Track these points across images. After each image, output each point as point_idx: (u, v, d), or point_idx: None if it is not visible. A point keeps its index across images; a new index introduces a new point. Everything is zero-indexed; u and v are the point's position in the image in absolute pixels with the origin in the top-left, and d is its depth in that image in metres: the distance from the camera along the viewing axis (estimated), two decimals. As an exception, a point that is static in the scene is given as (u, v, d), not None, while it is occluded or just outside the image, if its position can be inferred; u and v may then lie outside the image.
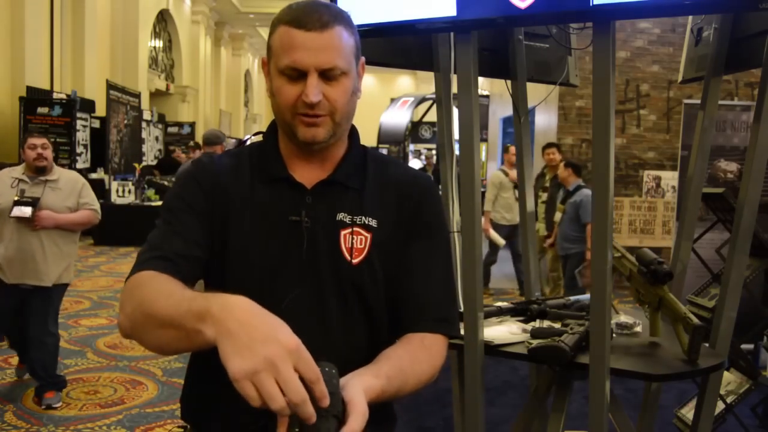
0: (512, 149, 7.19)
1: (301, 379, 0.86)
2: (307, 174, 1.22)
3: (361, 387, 0.97)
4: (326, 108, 1.14)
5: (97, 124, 12.34)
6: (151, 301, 1.01)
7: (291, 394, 0.84)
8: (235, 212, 1.19)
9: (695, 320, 1.95)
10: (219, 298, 0.92)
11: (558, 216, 6.10)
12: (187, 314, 0.93)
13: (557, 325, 2.11)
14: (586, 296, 2.16)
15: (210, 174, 1.22)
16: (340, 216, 1.20)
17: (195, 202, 1.19)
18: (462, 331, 2.07)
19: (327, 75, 1.13)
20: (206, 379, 1.19)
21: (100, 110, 12.49)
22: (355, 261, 1.19)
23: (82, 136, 11.59)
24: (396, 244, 1.23)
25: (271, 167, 1.22)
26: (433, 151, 17.45)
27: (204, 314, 0.91)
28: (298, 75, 1.13)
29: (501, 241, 7.08)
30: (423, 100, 12.70)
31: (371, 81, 28.46)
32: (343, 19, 1.15)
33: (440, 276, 1.26)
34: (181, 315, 0.94)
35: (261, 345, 0.85)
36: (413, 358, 1.14)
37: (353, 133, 1.27)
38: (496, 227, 7.23)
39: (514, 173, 6.92)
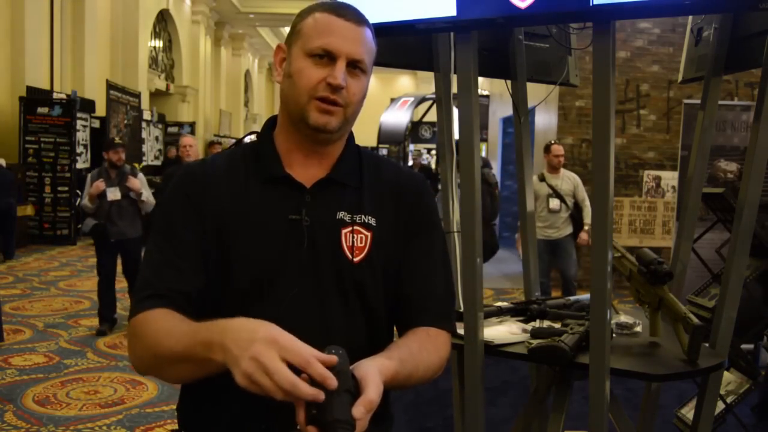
0: (555, 148, 5.98)
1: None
2: (306, 173, 1.22)
3: (374, 365, 1.00)
4: (344, 98, 1.16)
5: (97, 124, 12.33)
6: (156, 345, 1.07)
7: (280, 383, 0.88)
8: (231, 216, 1.19)
9: (695, 320, 1.95)
10: (217, 326, 0.98)
11: None
12: (194, 347, 1.00)
13: (557, 325, 2.11)
14: (586, 296, 2.16)
15: (200, 182, 1.21)
16: (340, 215, 1.20)
17: (187, 222, 1.19)
18: (462, 331, 2.07)
19: (352, 66, 1.16)
20: (203, 387, 1.19)
21: (100, 110, 12.49)
22: (356, 259, 1.19)
23: (82, 136, 11.59)
24: (394, 242, 1.24)
25: (269, 166, 1.22)
26: (425, 153, 17.54)
27: (209, 343, 0.97)
28: (326, 59, 1.15)
29: None
30: (423, 100, 12.70)
31: (371, 81, 28.30)
32: (371, 26, 1.21)
33: (440, 273, 1.27)
34: (189, 350, 1.01)
35: (245, 350, 0.90)
36: (421, 347, 1.17)
37: (348, 134, 1.28)
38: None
39: (555, 178, 5.94)
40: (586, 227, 5.74)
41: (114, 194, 5.55)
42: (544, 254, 5.73)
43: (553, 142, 6.09)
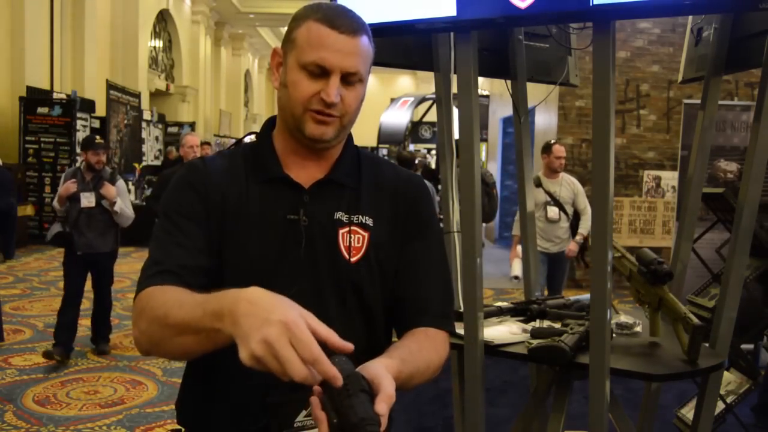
0: (557, 149, 5.24)
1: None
2: (304, 173, 1.22)
3: (380, 364, 0.99)
4: (339, 110, 1.16)
5: (97, 124, 12.33)
6: (164, 315, 1.03)
7: (290, 373, 0.85)
8: (231, 214, 1.19)
9: (695, 320, 1.95)
10: (228, 295, 0.94)
11: None
12: (203, 317, 0.96)
13: (557, 325, 2.11)
14: (586, 296, 2.16)
15: (204, 177, 1.22)
16: (338, 215, 1.21)
17: (192, 208, 1.19)
18: (462, 331, 2.07)
19: (347, 79, 1.15)
20: (204, 382, 1.19)
21: (100, 110, 12.49)
22: (353, 259, 1.20)
23: (82, 136, 11.58)
24: (392, 243, 1.24)
25: (267, 167, 1.23)
26: (425, 152, 17.50)
27: (219, 312, 0.93)
28: (320, 73, 1.14)
29: (517, 271, 5.03)
30: (423, 100, 12.69)
31: (371, 81, 28.17)
32: (367, 29, 1.19)
33: (439, 274, 1.28)
34: (197, 319, 0.97)
35: (256, 329, 0.87)
36: (420, 347, 1.17)
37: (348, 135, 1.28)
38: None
39: (554, 184, 5.19)
40: (577, 237, 5.16)
41: (88, 200, 4.83)
42: (540, 267, 4.89)
43: (553, 141, 5.44)
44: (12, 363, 4.83)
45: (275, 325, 0.86)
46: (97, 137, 5.13)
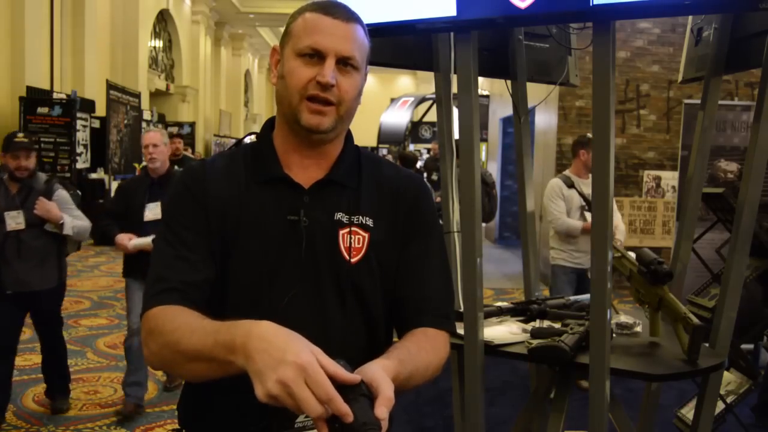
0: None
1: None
2: (304, 173, 1.22)
3: (378, 366, 0.99)
4: (335, 96, 1.16)
5: (97, 124, 12.32)
6: (176, 341, 1.05)
7: (307, 411, 0.87)
8: (231, 216, 1.19)
9: (695, 320, 1.95)
10: (241, 328, 0.95)
11: None
12: (214, 348, 0.98)
13: (557, 325, 2.11)
14: (586, 296, 2.16)
15: (202, 182, 1.22)
16: (338, 215, 1.21)
17: (192, 217, 1.19)
18: (462, 331, 2.07)
19: (343, 64, 1.16)
20: (204, 385, 1.19)
21: (100, 110, 12.48)
22: (353, 260, 1.20)
23: (82, 136, 11.58)
24: (392, 243, 1.24)
25: (268, 167, 1.23)
26: (425, 153, 17.47)
27: (231, 345, 0.95)
28: (316, 58, 1.15)
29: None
30: (423, 100, 12.71)
31: (371, 81, 28.35)
32: (362, 22, 1.21)
33: (439, 274, 1.28)
34: (208, 349, 0.99)
35: (272, 369, 0.88)
36: (419, 347, 1.17)
37: (347, 134, 1.29)
38: (558, 272, 4.41)
39: (587, 185, 4.12)
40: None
41: (15, 221, 3.49)
42: (566, 286, 4.19)
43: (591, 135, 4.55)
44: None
45: (291, 367, 0.87)
46: (20, 134, 3.71)
